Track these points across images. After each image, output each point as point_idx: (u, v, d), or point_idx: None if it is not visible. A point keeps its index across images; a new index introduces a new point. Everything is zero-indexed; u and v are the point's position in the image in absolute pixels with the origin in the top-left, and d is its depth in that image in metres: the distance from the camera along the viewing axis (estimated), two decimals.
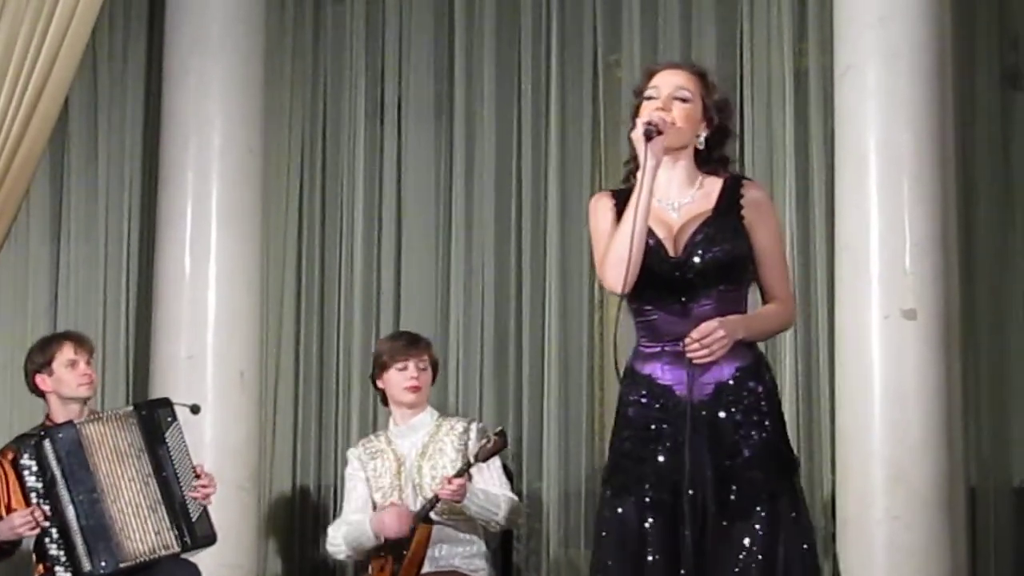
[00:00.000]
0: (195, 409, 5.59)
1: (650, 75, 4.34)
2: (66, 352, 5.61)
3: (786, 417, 6.06)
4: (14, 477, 5.42)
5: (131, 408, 5.46)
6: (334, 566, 6.81)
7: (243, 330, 6.68)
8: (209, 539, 5.42)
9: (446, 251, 6.97)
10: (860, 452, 5.75)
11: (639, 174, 4.15)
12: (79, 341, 5.69)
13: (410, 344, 5.68)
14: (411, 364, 5.63)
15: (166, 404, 5.48)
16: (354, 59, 7.17)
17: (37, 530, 5.25)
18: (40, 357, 5.66)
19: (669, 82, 4.28)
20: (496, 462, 5.62)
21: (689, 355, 4.10)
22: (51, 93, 6.26)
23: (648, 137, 4.12)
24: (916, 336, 5.73)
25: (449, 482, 5.32)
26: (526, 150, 6.85)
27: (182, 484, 5.36)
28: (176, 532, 5.32)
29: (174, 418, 5.43)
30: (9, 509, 5.45)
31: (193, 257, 6.62)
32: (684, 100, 4.25)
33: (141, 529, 5.30)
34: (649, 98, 4.26)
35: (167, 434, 5.39)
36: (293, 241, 7.15)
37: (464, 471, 5.37)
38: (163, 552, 5.31)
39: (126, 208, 7.15)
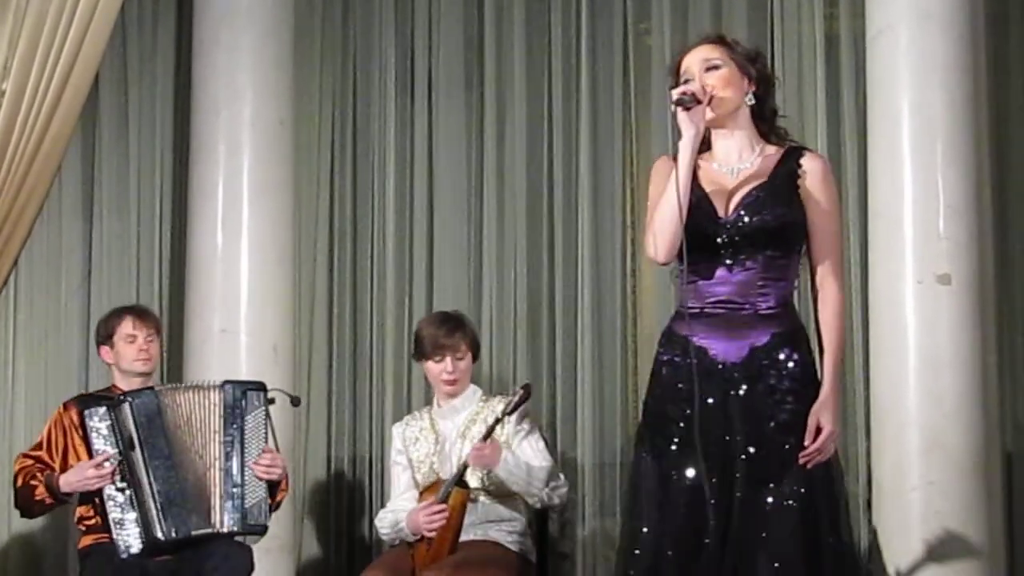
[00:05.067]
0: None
1: (677, 65, 4.37)
2: (125, 326, 5.66)
3: None
4: (76, 433, 5.46)
5: (219, 384, 5.46)
6: (369, 539, 6.82)
7: (276, 304, 6.68)
8: (258, 528, 5.43)
9: (478, 223, 6.95)
10: (895, 418, 5.73)
11: (680, 144, 4.17)
12: (140, 316, 5.73)
13: (446, 336, 5.64)
14: (448, 358, 5.63)
15: (258, 388, 5.48)
16: (384, 32, 7.14)
17: (104, 482, 5.27)
18: (104, 330, 5.74)
19: (695, 60, 4.32)
20: (537, 439, 5.64)
21: (811, 465, 4.13)
22: (81, 68, 6.29)
23: (683, 106, 4.15)
24: (950, 301, 5.70)
25: (478, 448, 5.34)
26: (557, 120, 6.83)
27: (246, 470, 5.37)
28: (225, 514, 5.34)
29: (261, 404, 5.43)
30: (66, 461, 5.48)
31: (225, 231, 6.62)
32: (716, 68, 4.29)
33: (200, 503, 5.34)
34: (685, 82, 4.28)
35: (247, 417, 5.40)
36: (325, 214, 7.14)
37: (493, 428, 5.38)
38: (209, 530, 5.33)
39: (158, 183, 7.14)
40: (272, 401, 5.53)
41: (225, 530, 5.35)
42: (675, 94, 4.18)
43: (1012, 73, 6.21)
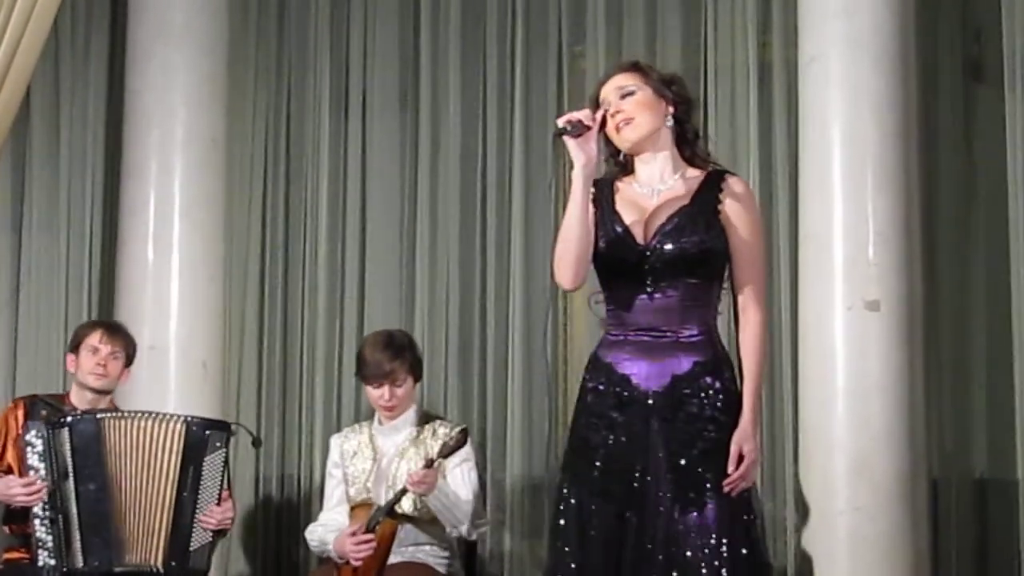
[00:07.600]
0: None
1: (596, 97, 4.37)
2: (92, 338, 5.60)
3: None
4: (16, 430, 5.39)
5: (183, 418, 5.37)
6: (297, 557, 6.79)
7: (206, 321, 6.66)
8: (198, 573, 5.36)
9: (410, 243, 6.95)
10: (823, 443, 5.76)
11: (572, 173, 4.20)
12: (110, 331, 5.66)
13: (387, 362, 5.55)
14: (386, 388, 5.59)
15: (222, 428, 5.41)
16: (319, 49, 7.14)
17: (32, 502, 5.19)
18: (75, 337, 5.68)
19: (610, 88, 4.33)
20: (471, 468, 5.62)
21: (735, 493, 4.13)
22: (13, 82, 6.22)
23: (569, 135, 4.15)
24: (879, 327, 5.73)
25: (416, 475, 5.31)
26: (491, 141, 6.84)
27: (197, 510, 5.29)
28: (167, 554, 5.25)
29: (223, 445, 5.35)
30: (2, 458, 5.40)
31: (156, 248, 6.60)
32: (630, 93, 4.31)
33: (135, 538, 5.24)
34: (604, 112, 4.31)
35: (207, 458, 5.31)
36: (257, 232, 7.12)
37: (432, 463, 5.32)
38: (146, 569, 5.25)
39: (88, 198, 7.11)
40: (234, 434, 5.52)
41: (162, 570, 5.25)
42: (559, 123, 4.19)
43: (941, 102, 6.26)
